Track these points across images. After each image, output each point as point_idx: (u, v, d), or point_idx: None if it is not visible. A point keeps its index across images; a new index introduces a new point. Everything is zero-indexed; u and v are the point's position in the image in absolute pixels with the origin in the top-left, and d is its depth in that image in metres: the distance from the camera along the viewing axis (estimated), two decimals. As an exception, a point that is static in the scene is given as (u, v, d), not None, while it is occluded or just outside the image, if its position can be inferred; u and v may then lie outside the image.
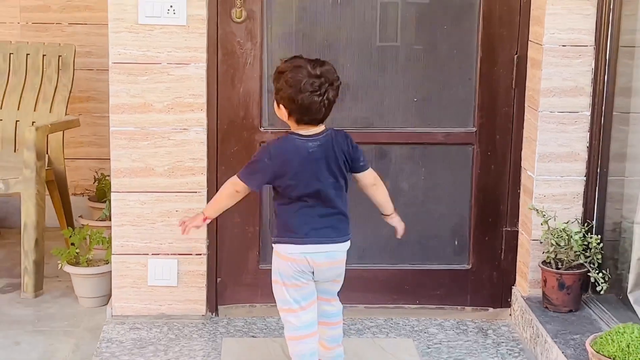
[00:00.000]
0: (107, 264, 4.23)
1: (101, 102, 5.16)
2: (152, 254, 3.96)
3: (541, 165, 3.86)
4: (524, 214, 4.01)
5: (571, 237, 3.76)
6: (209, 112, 3.89)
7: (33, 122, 4.78)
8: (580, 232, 3.77)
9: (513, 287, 4.09)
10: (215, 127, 3.93)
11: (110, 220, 4.00)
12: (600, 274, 3.71)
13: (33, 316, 4.16)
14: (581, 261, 3.78)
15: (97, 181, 5.08)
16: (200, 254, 3.98)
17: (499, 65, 3.96)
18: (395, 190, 4.05)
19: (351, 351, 3.71)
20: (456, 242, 4.11)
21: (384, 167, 4.03)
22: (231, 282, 4.08)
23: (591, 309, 3.81)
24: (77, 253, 4.29)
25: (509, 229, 4.07)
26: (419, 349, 3.80)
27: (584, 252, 3.77)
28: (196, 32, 3.81)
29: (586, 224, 3.84)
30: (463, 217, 4.09)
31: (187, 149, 3.88)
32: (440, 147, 4.04)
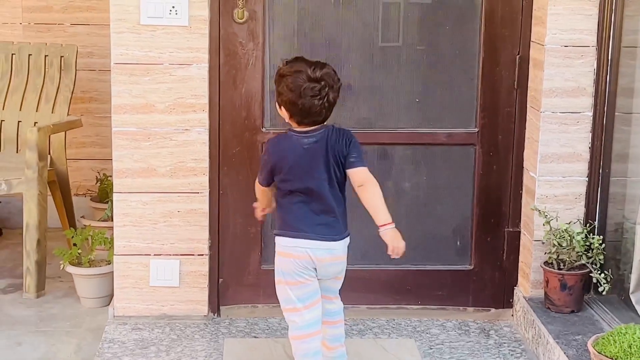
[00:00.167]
0: (109, 264, 4.23)
1: (103, 102, 5.16)
2: (154, 254, 3.96)
3: (543, 165, 3.86)
4: (526, 215, 4.01)
5: (573, 237, 3.76)
6: (211, 112, 3.89)
7: (35, 123, 4.79)
8: (582, 233, 3.77)
9: (515, 287, 4.09)
10: (217, 127, 3.93)
11: (112, 220, 4.00)
12: (602, 275, 3.70)
13: (35, 317, 4.16)
14: (583, 262, 3.78)
15: (99, 182, 5.08)
16: (202, 255, 3.98)
17: (501, 65, 3.96)
18: (397, 190, 4.05)
19: (353, 352, 3.71)
20: (458, 243, 4.11)
21: (386, 168, 4.04)
22: (233, 283, 4.08)
23: (593, 309, 3.81)
24: (79, 253, 4.29)
25: (511, 229, 4.07)
26: (421, 350, 3.80)
27: (586, 253, 3.77)
28: (198, 33, 3.81)
29: (588, 225, 3.84)
30: (465, 218, 4.09)
31: (189, 150, 3.88)
32: (443, 147, 4.04)
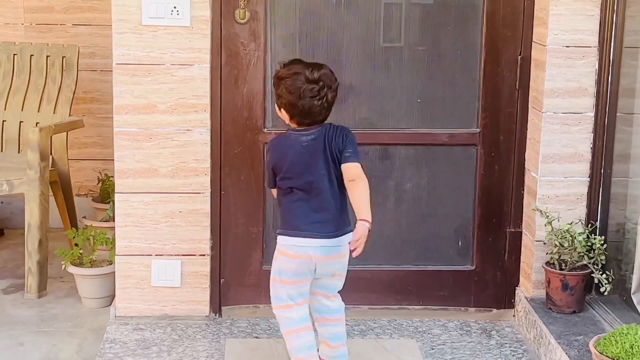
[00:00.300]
0: (110, 264, 4.23)
1: (105, 103, 5.17)
2: (156, 254, 3.96)
3: (545, 166, 3.86)
4: (527, 215, 4.01)
5: (575, 238, 3.76)
6: (212, 113, 3.89)
7: (37, 123, 4.79)
8: (584, 233, 3.77)
9: (517, 288, 4.09)
10: (218, 128, 3.93)
11: (114, 221, 4.00)
12: (603, 275, 3.70)
13: (37, 317, 4.16)
14: (585, 262, 3.78)
15: (100, 182, 5.08)
16: (204, 255, 3.98)
17: (503, 66, 3.96)
18: (398, 191, 4.05)
19: (354, 352, 3.71)
20: (460, 243, 4.11)
21: (388, 168, 4.04)
22: (235, 283, 4.08)
23: (595, 310, 3.81)
24: (80, 254, 4.29)
25: (512, 229, 4.07)
26: (422, 350, 3.80)
27: (587, 253, 3.77)
28: (200, 33, 3.81)
29: (590, 225, 3.84)
30: (467, 218, 4.09)
31: (190, 150, 3.88)
32: (444, 148, 4.04)
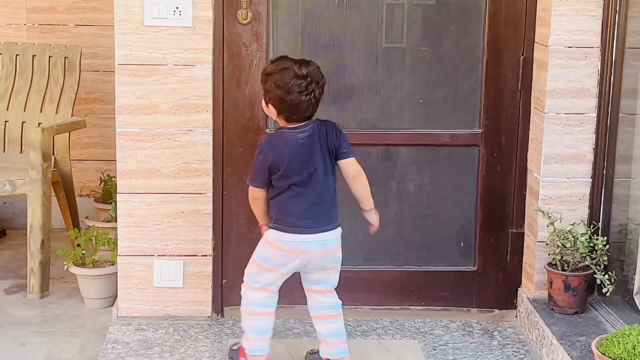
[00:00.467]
0: (112, 265, 4.23)
1: (107, 103, 5.17)
2: (158, 255, 3.96)
3: (547, 166, 3.85)
4: (529, 216, 4.00)
5: (577, 238, 3.76)
6: (214, 113, 3.89)
7: (39, 124, 4.79)
8: (586, 234, 3.77)
9: (519, 288, 4.09)
10: (221, 128, 3.93)
11: (116, 221, 4.00)
12: (606, 276, 3.70)
13: (39, 317, 4.16)
14: (587, 263, 3.77)
15: (103, 182, 5.08)
16: (206, 255, 3.98)
17: (505, 66, 3.96)
18: (400, 191, 4.05)
19: (356, 352, 3.71)
20: (462, 244, 4.11)
21: (390, 169, 4.04)
22: (237, 284, 4.06)
23: (597, 310, 3.80)
24: (83, 254, 4.29)
25: (514, 230, 4.07)
26: (424, 351, 3.79)
27: (589, 254, 3.77)
28: (202, 34, 3.81)
29: (592, 226, 3.84)
30: (469, 219, 4.09)
31: (192, 150, 3.88)
32: (446, 148, 4.04)
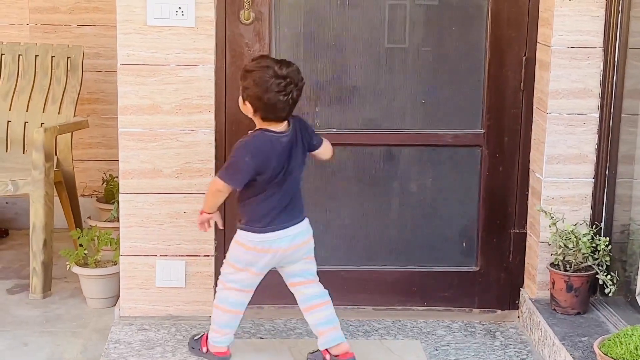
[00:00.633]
0: (115, 265, 4.23)
1: (110, 103, 5.17)
2: (160, 255, 3.96)
3: (549, 167, 3.85)
4: (532, 216, 4.00)
5: (579, 239, 3.75)
6: (217, 113, 3.89)
7: (42, 124, 4.79)
8: (588, 234, 3.77)
9: (521, 289, 4.09)
10: (223, 128, 3.93)
11: (119, 221, 4.01)
12: (608, 276, 3.70)
13: (41, 317, 4.16)
14: (589, 263, 3.77)
15: (105, 182, 5.08)
16: (208, 255, 3.98)
17: (507, 67, 3.96)
18: (403, 191, 4.05)
19: (359, 353, 3.71)
20: (464, 244, 4.11)
21: (392, 169, 4.04)
22: (239, 284, 4.08)
23: (599, 311, 3.80)
24: (85, 254, 4.30)
25: (517, 230, 4.07)
26: (426, 351, 3.79)
27: (592, 254, 3.76)
28: (204, 34, 3.81)
29: (594, 226, 3.84)
30: (471, 219, 4.09)
31: (195, 151, 3.88)
32: (448, 148, 4.03)
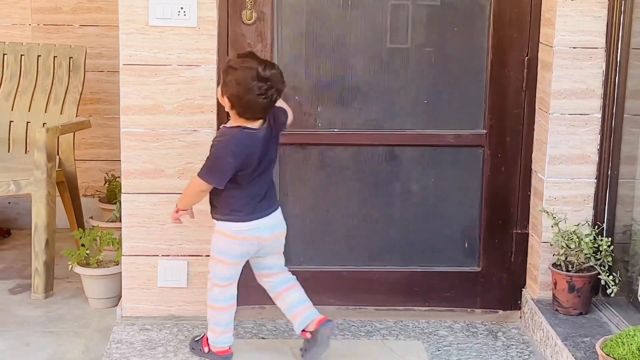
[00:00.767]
0: (117, 265, 4.23)
1: (112, 103, 5.17)
2: (162, 255, 3.96)
3: (552, 167, 3.85)
4: (534, 216, 4.00)
5: (582, 239, 3.75)
6: (219, 113, 3.89)
7: (44, 124, 4.80)
8: (590, 235, 3.77)
9: (523, 289, 4.09)
10: (225, 128, 3.93)
11: (121, 221, 4.01)
12: (610, 277, 3.70)
13: (43, 317, 4.16)
14: (591, 264, 3.77)
15: (107, 182, 5.09)
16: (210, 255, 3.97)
17: (510, 67, 3.96)
18: (404, 191, 4.05)
19: (360, 353, 3.71)
20: (466, 244, 4.11)
21: (394, 169, 4.03)
22: (241, 284, 4.05)
23: (601, 311, 3.80)
24: (87, 254, 4.30)
25: (519, 231, 4.07)
26: (428, 351, 3.79)
27: (594, 255, 3.76)
28: (206, 34, 3.81)
29: (597, 227, 3.84)
30: (473, 219, 4.08)
31: (197, 151, 3.88)
32: (450, 149, 4.03)
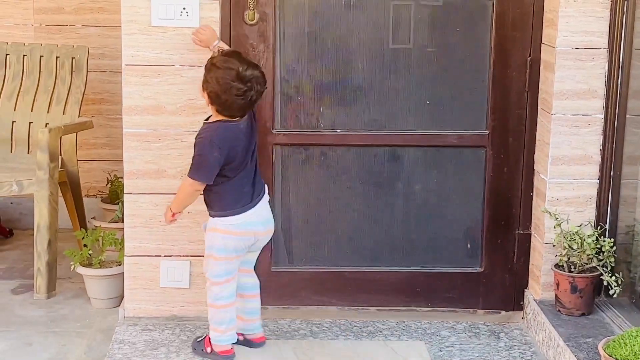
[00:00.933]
0: (119, 265, 4.23)
1: (114, 103, 5.17)
2: (164, 255, 3.96)
3: (554, 168, 3.85)
4: (536, 217, 4.00)
5: (584, 240, 3.75)
6: (221, 114, 3.89)
7: (46, 124, 4.79)
8: (593, 235, 3.76)
9: (525, 290, 4.08)
10: (227, 129, 3.93)
11: (123, 221, 4.01)
12: (613, 277, 3.69)
13: (45, 317, 4.16)
14: (594, 264, 3.77)
15: (109, 183, 5.08)
16: (213, 256, 3.97)
17: (512, 68, 3.95)
18: (407, 192, 4.05)
19: (363, 353, 3.71)
20: (468, 245, 4.10)
21: (396, 170, 4.03)
22: (243, 284, 4.08)
23: (604, 312, 3.80)
24: (89, 254, 4.30)
25: (521, 231, 4.06)
26: (430, 352, 3.79)
27: (596, 255, 3.76)
28: (209, 34, 3.81)
29: (599, 227, 3.83)
30: (476, 220, 4.08)
31: (199, 151, 3.88)
32: (453, 149, 4.03)
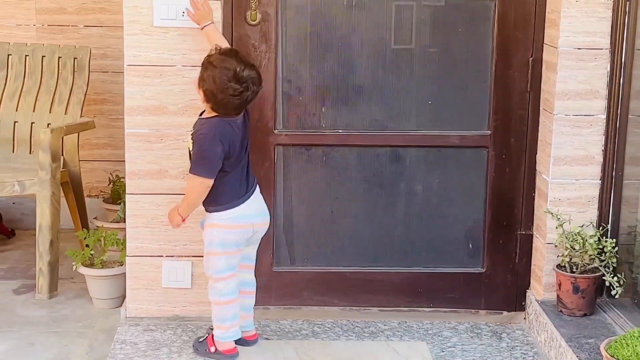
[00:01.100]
0: (121, 265, 4.23)
1: (116, 104, 5.17)
2: (166, 255, 3.96)
3: (556, 168, 3.85)
4: (538, 217, 4.00)
5: (586, 240, 3.75)
6: (223, 114, 3.89)
7: (48, 124, 4.80)
8: (595, 236, 3.76)
9: (527, 290, 4.08)
10: (229, 129, 3.93)
11: (125, 222, 4.01)
12: (615, 278, 3.69)
13: (47, 317, 4.17)
14: (596, 265, 3.76)
15: (111, 183, 5.09)
16: (214, 256, 3.97)
17: (514, 68, 3.95)
18: (409, 192, 4.05)
19: (364, 354, 3.71)
20: (470, 245, 4.10)
21: (398, 170, 4.03)
22: (245, 284, 4.08)
23: (606, 312, 3.80)
24: (91, 254, 4.30)
25: (523, 232, 4.06)
26: (432, 352, 3.79)
27: (598, 256, 3.76)
28: (211, 35, 3.81)
29: (601, 228, 3.83)
30: (477, 220, 4.08)
31: (201, 151, 3.88)
32: (455, 150, 4.03)
